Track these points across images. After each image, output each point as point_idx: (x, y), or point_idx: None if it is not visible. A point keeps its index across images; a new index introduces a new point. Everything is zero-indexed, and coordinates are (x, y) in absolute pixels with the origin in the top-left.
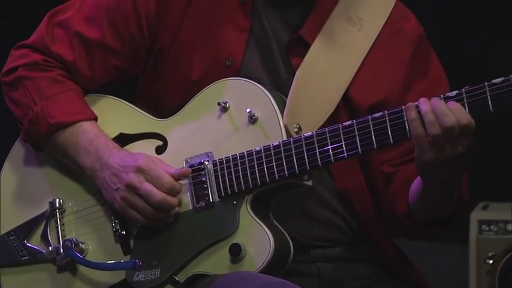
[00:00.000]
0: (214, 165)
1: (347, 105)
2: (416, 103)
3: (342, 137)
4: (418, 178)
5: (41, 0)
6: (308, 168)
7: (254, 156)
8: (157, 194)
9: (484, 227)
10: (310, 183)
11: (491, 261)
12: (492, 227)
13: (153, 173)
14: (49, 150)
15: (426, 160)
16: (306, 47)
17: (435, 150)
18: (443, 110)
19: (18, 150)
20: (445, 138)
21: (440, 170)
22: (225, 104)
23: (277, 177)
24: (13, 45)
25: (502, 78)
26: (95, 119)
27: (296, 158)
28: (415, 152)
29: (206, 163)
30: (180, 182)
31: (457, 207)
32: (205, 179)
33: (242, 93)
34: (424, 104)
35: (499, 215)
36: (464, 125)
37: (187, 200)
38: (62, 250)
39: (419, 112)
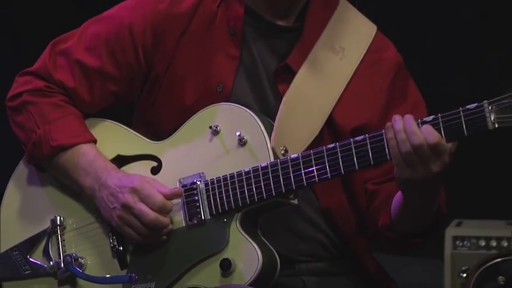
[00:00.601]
0: (206, 185)
1: (330, 128)
2: (390, 123)
3: (325, 158)
4: (399, 192)
5: (43, 19)
6: (294, 188)
7: (243, 177)
8: (150, 214)
9: (458, 242)
10: (295, 201)
11: (465, 275)
12: (465, 242)
13: (146, 192)
14: (51, 170)
15: (404, 178)
16: (292, 74)
17: (410, 169)
18: (413, 130)
19: (21, 170)
20: (416, 157)
21: (418, 187)
22: (216, 127)
23: (265, 197)
24: (14, 61)
25: (475, 104)
26: (94, 141)
27: (283, 179)
28: (394, 170)
29: (198, 183)
30: (173, 200)
31: (436, 219)
32: (198, 198)
33: (232, 117)
34: (398, 121)
35: (472, 231)
36: (433, 144)
37: (180, 217)
38: (62, 265)
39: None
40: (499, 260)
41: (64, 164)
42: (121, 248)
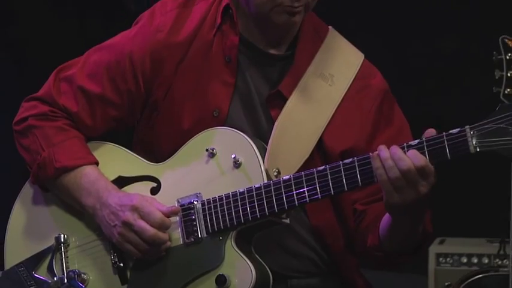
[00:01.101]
0: (203, 204)
1: (320, 151)
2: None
3: (316, 180)
4: (387, 214)
5: (49, 45)
6: (286, 208)
7: (238, 197)
8: (150, 230)
9: (441, 259)
10: (287, 221)
11: None
12: (448, 259)
13: (146, 210)
14: (55, 191)
15: (393, 203)
16: (284, 100)
17: (399, 193)
18: (400, 156)
19: (27, 190)
20: (405, 181)
21: (406, 211)
22: (213, 150)
23: (258, 216)
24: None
25: (458, 129)
26: (96, 163)
27: (275, 199)
28: (383, 196)
29: (195, 203)
30: (171, 219)
31: (423, 238)
32: (195, 216)
33: (228, 140)
34: (383, 151)
35: (454, 249)
36: (420, 166)
37: (178, 235)
38: (66, 280)
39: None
40: (480, 276)
41: (67, 185)
42: (122, 264)
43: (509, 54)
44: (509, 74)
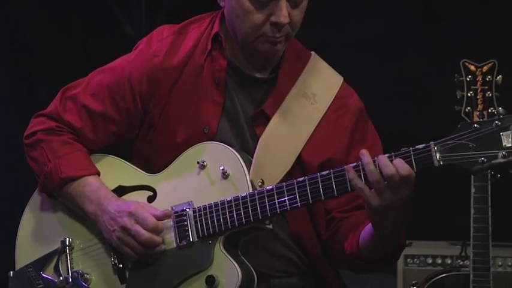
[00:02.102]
0: (194, 211)
1: (300, 164)
2: (355, 164)
3: (296, 190)
4: (368, 226)
5: (56, 68)
6: (269, 215)
7: (226, 205)
8: (145, 234)
9: (408, 260)
10: (270, 226)
11: None
12: (415, 260)
13: (141, 216)
14: (60, 198)
15: (373, 206)
16: (268, 119)
17: (379, 197)
18: (385, 162)
19: (36, 198)
20: (386, 185)
21: (386, 214)
22: (203, 162)
23: (244, 222)
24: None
25: (424, 145)
26: (98, 173)
27: (259, 207)
28: (365, 202)
29: (188, 210)
30: (165, 223)
31: (398, 247)
32: (187, 222)
33: (217, 154)
34: (365, 155)
35: (421, 251)
36: (405, 175)
37: (172, 239)
38: (70, 280)
39: (356, 169)
40: (444, 275)
41: (71, 193)
42: (121, 266)
43: (469, 76)
44: (469, 94)
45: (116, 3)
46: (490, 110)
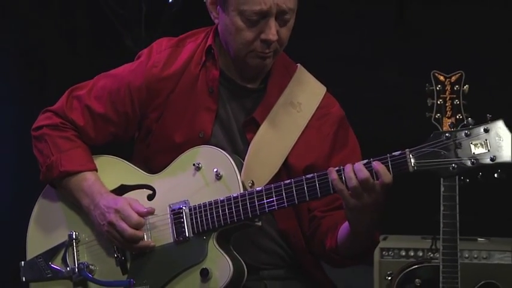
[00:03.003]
0: (190, 210)
1: (287, 168)
2: (337, 168)
3: (283, 191)
4: (345, 225)
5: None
6: (258, 213)
7: (219, 204)
8: (128, 230)
9: (384, 253)
10: (260, 223)
11: (389, 278)
12: (390, 252)
13: (125, 213)
14: (60, 189)
15: (351, 206)
16: (257, 125)
17: (355, 198)
18: (360, 168)
19: (45, 195)
20: (362, 188)
21: (362, 213)
22: (198, 164)
23: (235, 220)
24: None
25: (399, 152)
26: (95, 170)
27: (250, 206)
28: (343, 202)
29: (184, 208)
30: (162, 220)
31: (372, 245)
32: (183, 220)
33: (211, 157)
34: (348, 166)
35: (395, 244)
36: (387, 182)
37: (169, 235)
38: (77, 270)
39: (339, 173)
40: (416, 266)
41: (70, 186)
42: (123, 258)
43: (439, 86)
44: (438, 102)
45: (119, 19)
46: (457, 117)
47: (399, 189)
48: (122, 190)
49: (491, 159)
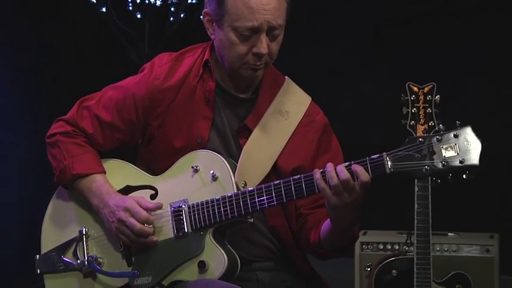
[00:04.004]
0: (189, 208)
1: (276, 170)
2: (320, 170)
3: (273, 191)
4: (327, 221)
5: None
6: (250, 211)
7: (215, 203)
8: (137, 225)
9: (364, 246)
10: (252, 220)
11: (369, 269)
12: (369, 246)
13: (134, 210)
14: (72, 190)
15: (332, 204)
16: (249, 132)
17: (337, 197)
18: (341, 169)
19: (58, 195)
20: (343, 188)
21: (343, 211)
22: (197, 167)
23: (229, 217)
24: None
25: (378, 155)
26: (104, 172)
27: (243, 205)
28: (325, 200)
29: (183, 206)
30: (163, 218)
31: (352, 239)
32: (183, 217)
33: (208, 160)
34: (329, 166)
35: (374, 238)
36: (365, 180)
37: (170, 230)
38: (86, 263)
39: (322, 174)
40: (393, 258)
41: (81, 187)
42: (128, 252)
43: (413, 96)
44: (413, 110)
45: (125, 36)
46: (430, 124)
47: (378, 189)
48: (127, 190)
49: (460, 162)
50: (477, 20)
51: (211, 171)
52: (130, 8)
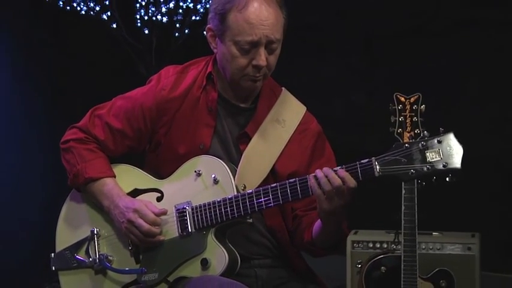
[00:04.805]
0: (192, 209)
1: (274, 174)
2: (313, 174)
3: (270, 193)
4: (318, 222)
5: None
6: (249, 212)
7: (216, 204)
8: (145, 226)
9: (355, 244)
10: (251, 220)
11: (359, 266)
12: (360, 244)
13: (143, 212)
14: (84, 193)
15: (323, 208)
16: (249, 138)
17: (328, 201)
18: (332, 175)
19: (72, 198)
20: (335, 192)
21: (333, 214)
22: (199, 171)
23: (230, 218)
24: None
25: (367, 160)
26: (114, 176)
27: (242, 206)
28: (317, 204)
29: (187, 208)
30: (168, 218)
31: (341, 238)
32: (186, 217)
33: (210, 165)
34: (319, 172)
35: (364, 237)
36: (352, 186)
37: (175, 230)
38: (98, 261)
39: (316, 179)
40: (382, 256)
41: (93, 190)
42: (136, 250)
43: (400, 106)
44: (400, 119)
45: (133, 50)
46: (416, 131)
47: (367, 192)
48: (135, 193)
49: (444, 166)
50: (462, 36)
51: (213, 175)
52: (139, 24)
